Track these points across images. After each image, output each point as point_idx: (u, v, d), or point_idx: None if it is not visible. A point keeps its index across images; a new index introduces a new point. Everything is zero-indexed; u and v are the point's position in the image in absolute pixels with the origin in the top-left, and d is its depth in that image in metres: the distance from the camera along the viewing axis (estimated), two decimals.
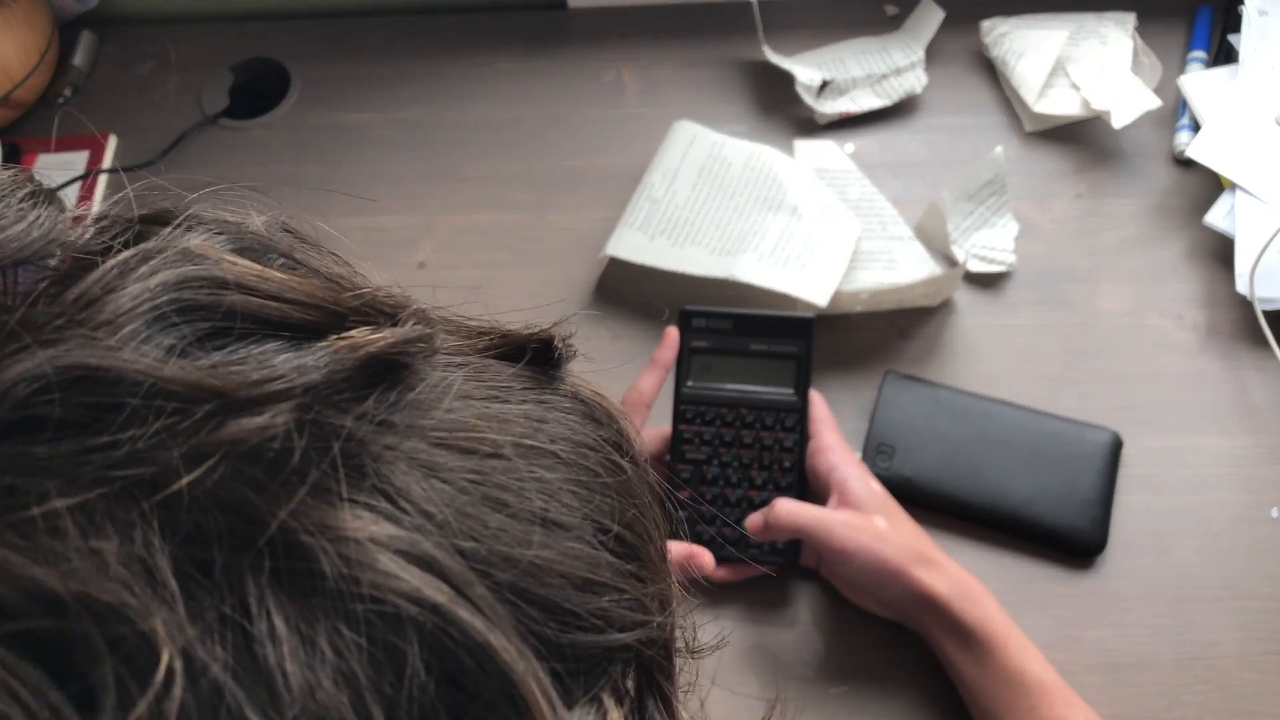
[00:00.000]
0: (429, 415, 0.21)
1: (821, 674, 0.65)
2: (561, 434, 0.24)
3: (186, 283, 0.19)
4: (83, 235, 0.20)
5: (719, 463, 0.65)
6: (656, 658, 0.24)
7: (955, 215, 0.78)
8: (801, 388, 0.67)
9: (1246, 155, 0.78)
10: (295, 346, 0.19)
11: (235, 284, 0.19)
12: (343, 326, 0.21)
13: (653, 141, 0.83)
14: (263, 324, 0.20)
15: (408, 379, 0.21)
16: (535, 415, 0.24)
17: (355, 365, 0.20)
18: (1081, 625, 0.66)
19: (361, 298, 0.21)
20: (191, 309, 0.19)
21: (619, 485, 0.24)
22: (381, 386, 0.20)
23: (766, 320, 0.67)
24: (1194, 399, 0.73)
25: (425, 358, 0.22)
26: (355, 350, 0.20)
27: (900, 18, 0.90)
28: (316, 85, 0.91)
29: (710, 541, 0.64)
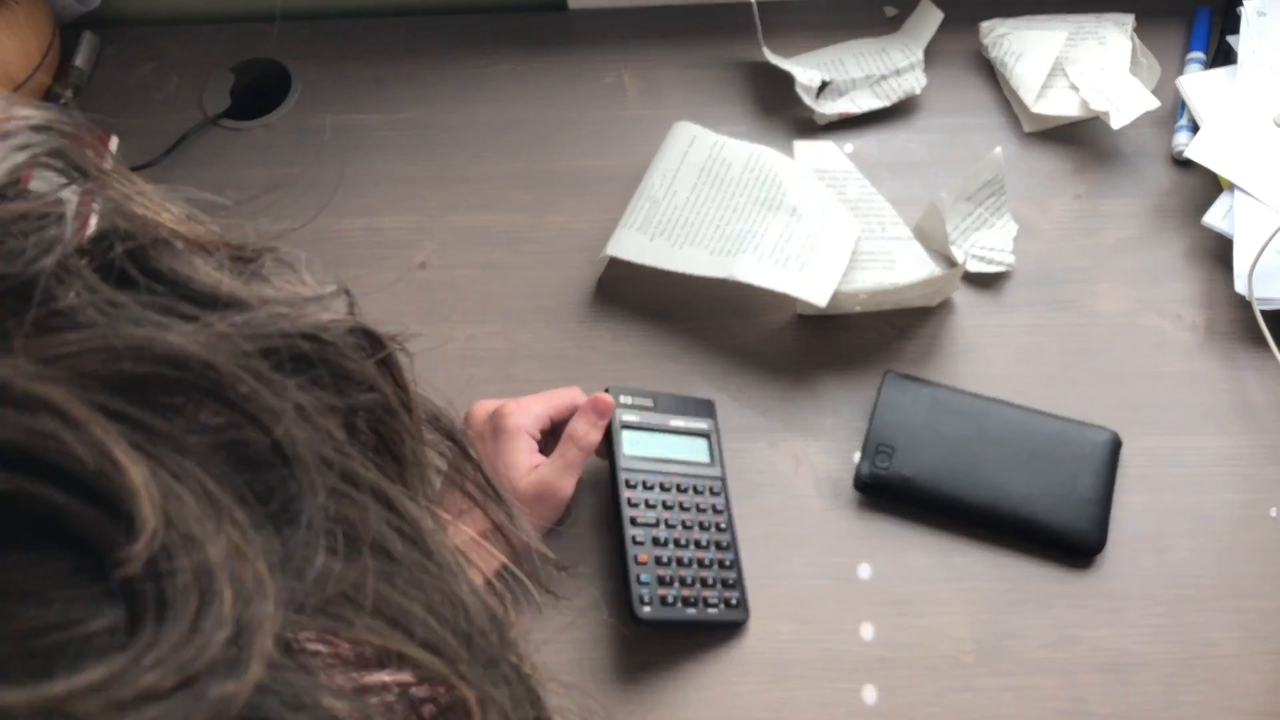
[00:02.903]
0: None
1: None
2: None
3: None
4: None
5: (666, 525, 0.68)
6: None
7: (954, 216, 0.78)
8: (716, 460, 0.71)
9: (1245, 156, 0.78)
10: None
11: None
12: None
13: (653, 142, 0.83)
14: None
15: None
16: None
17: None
18: (1081, 625, 0.67)
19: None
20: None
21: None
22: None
23: (679, 401, 0.72)
24: (1193, 399, 0.73)
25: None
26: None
27: (899, 19, 0.90)
28: (317, 86, 0.91)
29: (673, 602, 0.65)
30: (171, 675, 0.15)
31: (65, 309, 0.18)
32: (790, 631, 0.67)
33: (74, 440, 0.16)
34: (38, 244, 0.18)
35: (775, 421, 0.74)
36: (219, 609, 0.16)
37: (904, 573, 0.69)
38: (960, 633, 0.67)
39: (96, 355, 0.18)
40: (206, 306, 0.20)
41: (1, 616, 0.15)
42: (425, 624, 0.21)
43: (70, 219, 0.19)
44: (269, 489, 0.19)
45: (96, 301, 0.18)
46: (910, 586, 0.68)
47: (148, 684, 0.15)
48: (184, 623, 0.16)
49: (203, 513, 0.17)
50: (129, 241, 0.20)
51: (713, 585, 0.67)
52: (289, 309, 0.21)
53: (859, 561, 0.69)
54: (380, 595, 0.20)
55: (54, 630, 0.16)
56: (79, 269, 0.19)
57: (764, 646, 0.67)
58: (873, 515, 0.71)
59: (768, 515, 0.71)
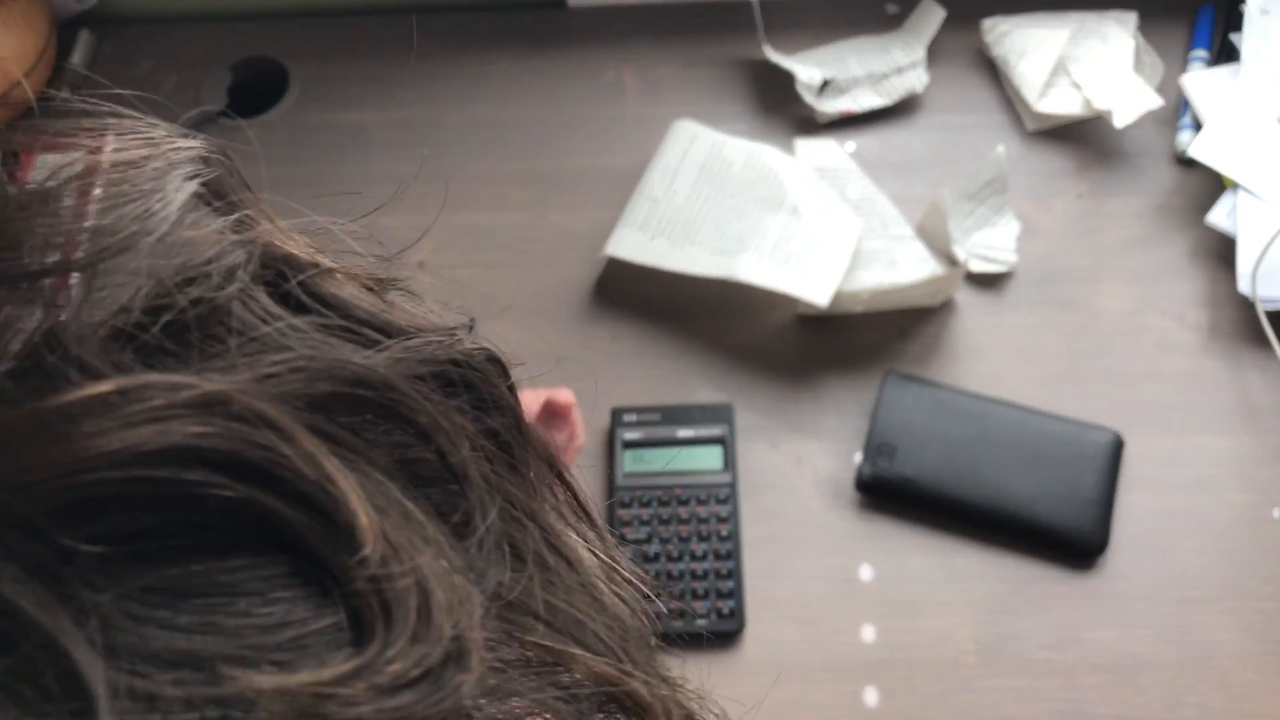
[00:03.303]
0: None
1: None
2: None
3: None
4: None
5: (659, 540, 0.68)
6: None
7: (956, 215, 0.77)
8: (730, 465, 0.71)
9: (1248, 154, 0.78)
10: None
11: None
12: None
13: (653, 141, 0.83)
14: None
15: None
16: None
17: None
18: (1083, 626, 0.66)
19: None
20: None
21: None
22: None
23: (690, 410, 0.72)
24: (1196, 399, 0.73)
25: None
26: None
27: (901, 16, 0.90)
28: (315, 84, 0.90)
29: (657, 615, 0.65)
30: (414, 667, 0.17)
31: (252, 329, 0.19)
32: (791, 633, 0.67)
33: (294, 455, 0.17)
34: (221, 271, 0.19)
35: (776, 422, 0.74)
36: (437, 611, 0.18)
37: (905, 574, 0.68)
38: (962, 634, 0.66)
39: (297, 376, 0.19)
40: (373, 332, 0.21)
41: (235, 613, 0.17)
42: (589, 630, 0.22)
43: (246, 248, 0.20)
44: (446, 505, 0.20)
45: (280, 327, 0.19)
46: (911, 587, 0.68)
47: (397, 671, 0.16)
48: (410, 624, 0.17)
49: (405, 524, 0.19)
50: (298, 271, 0.21)
51: (704, 596, 0.67)
52: (442, 336, 0.22)
53: (860, 562, 0.69)
54: (547, 603, 0.21)
55: (286, 627, 0.17)
56: (257, 295, 0.20)
57: (765, 648, 0.66)
58: (874, 516, 0.70)
59: (768, 516, 0.70)
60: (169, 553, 0.17)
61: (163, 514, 0.17)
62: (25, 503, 0.16)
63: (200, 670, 0.16)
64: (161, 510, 0.17)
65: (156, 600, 0.16)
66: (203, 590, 0.17)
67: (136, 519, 0.17)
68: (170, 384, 0.17)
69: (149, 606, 0.16)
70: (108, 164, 0.20)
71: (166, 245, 0.19)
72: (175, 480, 0.17)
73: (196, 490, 0.17)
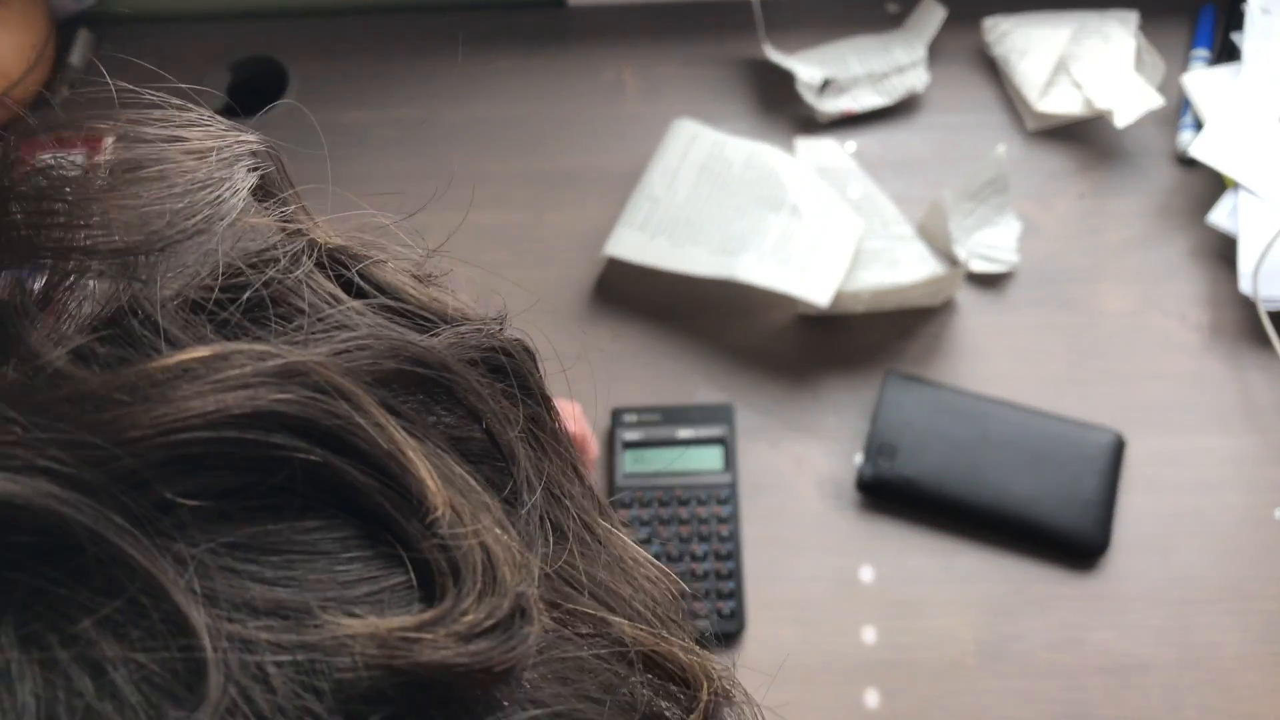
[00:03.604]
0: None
1: None
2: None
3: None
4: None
5: (659, 540, 0.68)
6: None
7: (957, 214, 0.77)
8: (730, 466, 0.71)
9: (1249, 154, 0.78)
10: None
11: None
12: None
13: (653, 140, 0.83)
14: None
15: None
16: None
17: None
18: (1084, 627, 0.66)
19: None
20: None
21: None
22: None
23: (690, 410, 0.72)
24: (1197, 399, 0.73)
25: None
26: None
27: (902, 16, 0.90)
28: (314, 83, 0.90)
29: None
30: (487, 619, 0.18)
31: (318, 310, 0.21)
32: (791, 634, 0.67)
33: (366, 425, 0.19)
34: (289, 254, 0.21)
35: (777, 422, 0.73)
36: (501, 573, 0.19)
37: (906, 574, 0.68)
38: (963, 635, 0.66)
39: (365, 353, 0.20)
40: (426, 318, 0.23)
41: (314, 570, 0.18)
42: (626, 600, 0.23)
43: (308, 228, 0.22)
44: (493, 481, 0.22)
45: (344, 309, 0.21)
46: (912, 588, 0.68)
47: (472, 621, 0.18)
48: (478, 583, 0.18)
49: (466, 493, 0.20)
50: (355, 260, 0.23)
51: (704, 597, 0.66)
52: (487, 324, 0.24)
53: (861, 563, 0.69)
54: (588, 573, 0.23)
55: (362, 583, 0.18)
56: (320, 280, 0.22)
57: (765, 649, 0.66)
58: (875, 516, 0.70)
59: (769, 517, 0.70)
60: (251, 512, 0.18)
61: (248, 474, 0.18)
62: (130, 457, 0.17)
63: (289, 618, 0.17)
64: (247, 471, 0.18)
65: (242, 555, 0.17)
66: (282, 548, 0.18)
67: (225, 478, 0.18)
68: (257, 353, 0.18)
69: (237, 560, 0.17)
70: (181, 152, 0.21)
71: (235, 231, 0.21)
72: (261, 443, 0.18)
73: (279, 453, 0.18)
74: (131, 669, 0.16)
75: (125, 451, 0.17)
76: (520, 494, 0.22)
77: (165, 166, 0.21)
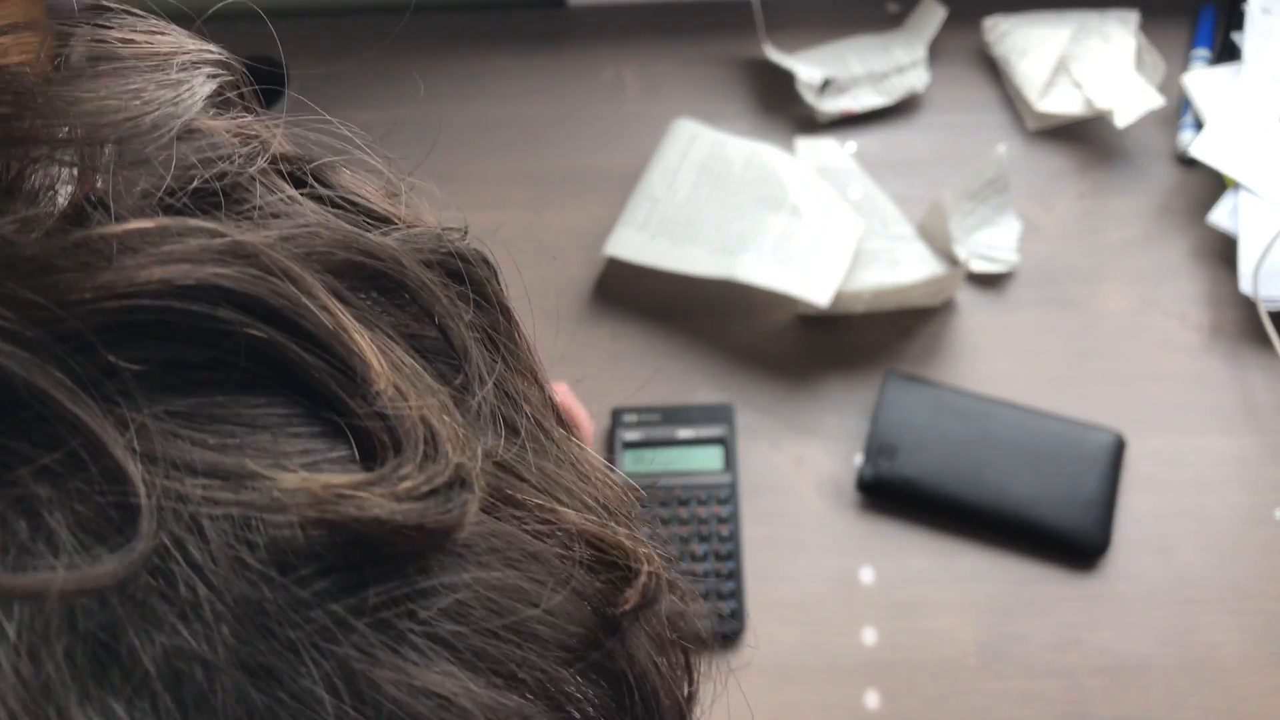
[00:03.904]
0: None
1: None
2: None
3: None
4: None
5: (659, 540, 0.67)
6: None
7: (957, 214, 0.77)
8: (730, 466, 0.71)
9: (1250, 154, 0.78)
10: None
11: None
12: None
13: (653, 140, 0.83)
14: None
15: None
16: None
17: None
18: (1084, 627, 0.66)
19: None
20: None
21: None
22: None
23: (690, 410, 0.72)
24: (1197, 399, 0.73)
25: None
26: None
27: (902, 15, 0.90)
28: (313, 82, 0.90)
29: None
30: (425, 484, 0.18)
31: (272, 206, 0.21)
32: (791, 635, 0.67)
33: (314, 307, 0.19)
34: (244, 154, 0.22)
35: (777, 422, 0.73)
36: (442, 446, 0.19)
37: (906, 575, 0.68)
38: (963, 635, 0.66)
39: (317, 240, 0.21)
40: (382, 220, 0.23)
41: (256, 442, 0.18)
42: (576, 495, 0.24)
43: (266, 137, 0.22)
44: (444, 375, 0.22)
45: (292, 203, 0.22)
46: (912, 589, 0.68)
47: (409, 486, 0.18)
48: (419, 453, 0.19)
49: (412, 379, 0.20)
50: (312, 162, 0.23)
51: (705, 597, 0.66)
52: (442, 231, 0.24)
53: (861, 564, 0.69)
54: (538, 467, 0.23)
55: (303, 455, 0.18)
56: (275, 179, 0.22)
57: (765, 650, 0.66)
58: (875, 517, 0.70)
59: (769, 517, 0.70)
60: (196, 385, 0.18)
61: (193, 346, 0.18)
62: (75, 320, 0.17)
63: (228, 479, 0.17)
64: (192, 343, 0.18)
65: (184, 423, 0.18)
66: (227, 420, 0.18)
67: (169, 348, 0.18)
68: (206, 230, 0.19)
69: (179, 426, 0.18)
70: (142, 53, 0.22)
71: (191, 131, 0.21)
72: (206, 315, 0.18)
73: (224, 327, 0.18)
74: (66, 513, 0.16)
75: (68, 314, 0.17)
76: (471, 387, 0.22)
77: (123, 64, 0.21)
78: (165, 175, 0.20)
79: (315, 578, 0.17)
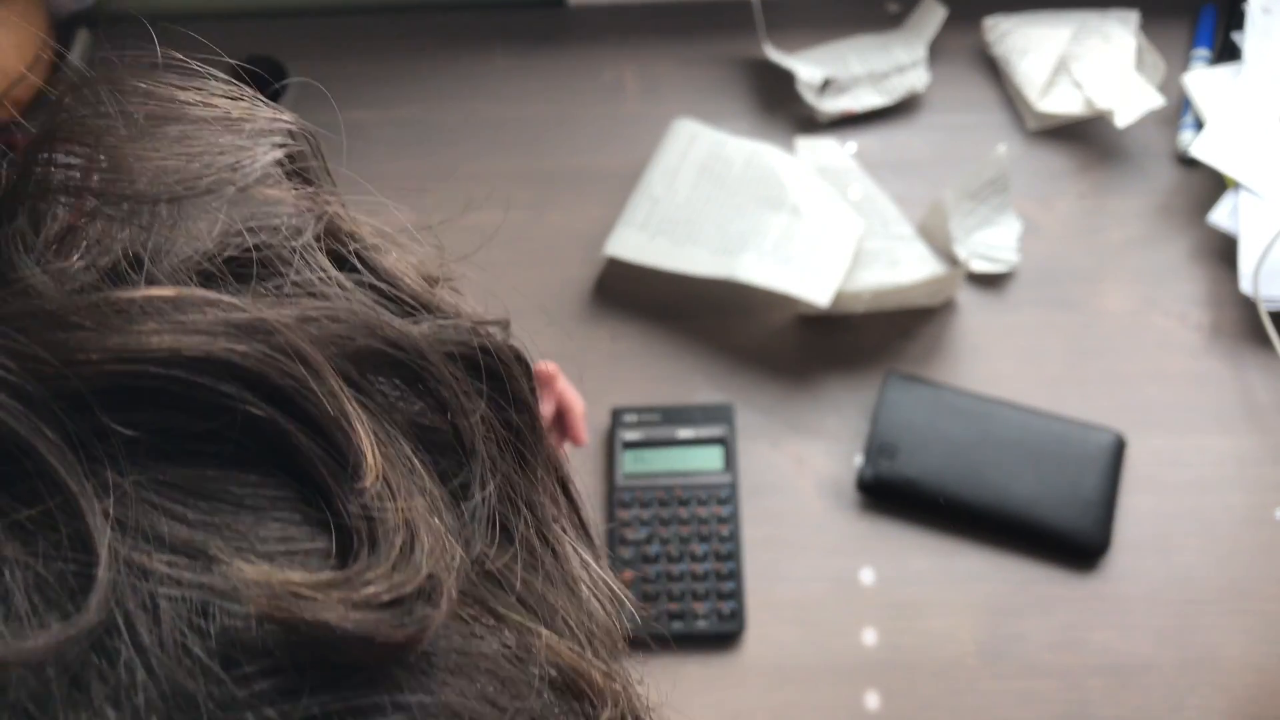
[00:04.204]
0: None
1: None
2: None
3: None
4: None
5: (659, 540, 0.68)
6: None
7: (958, 214, 0.77)
8: (730, 466, 0.71)
9: (1250, 154, 0.78)
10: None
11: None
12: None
13: (653, 140, 0.83)
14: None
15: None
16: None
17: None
18: (1085, 627, 0.66)
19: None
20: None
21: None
22: None
23: (691, 410, 0.72)
24: (1198, 399, 0.73)
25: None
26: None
27: (902, 15, 0.90)
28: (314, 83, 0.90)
29: (657, 617, 0.66)
30: (387, 592, 0.18)
31: (306, 282, 0.21)
32: (792, 636, 0.66)
33: (319, 390, 0.19)
34: (290, 227, 0.22)
35: (777, 422, 0.73)
36: (419, 552, 0.19)
37: (906, 575, 0.68)
38: (963, 636, 0.66)
39: (337, 325, 0.21)
40: (415, 307, 0.23)
41: (238, 523, 0.18)
42: (560, 616, 0.23)
43: (315, 214, 0.23)
44: (447, 472, 0.22)
45: (330, 282, 0.22)
46: (913, 589, 0.68)
47: (370, 594, 0.18)
48: (392, 557, 0.18)
49: (407, 475, 0.20)
50: (355, 241, 0.23)
51: (705, 597, 0.66)
52: (476, 324, 0.24)
53: (861, 564, 0.69)
54: (525, 581, 0.23)
55: (281, 542, 0.18)
56: (317, 255, 0.22)
57: (765, 651, 0.66)
58: (875, 517, 0.70)
59: (769, 517, 0.70)
60: (190, 455, 0.18)
61: (192, 416, 0.18)
62: (77, 379, 0.17)
63: (195, 558, 0.17)
64: (192, 413, 0.18)
65: (170, 494, 0.18)
66: (213, 495, 0.18)
67: (169, 416, 0.18)
68: (224, 303, 0.19)
69: (162, 497, 0.18)
70: (212, 117, 0.22)
71: (246, 197, 0.22)
72: (210, 389, 0.18)
73: (226, 401, 0.18)
74: (28, 574, 0.16)
75: (73, 372, 0.17)
76: (471, 488, 0.22)
77: (189, 127, 0.22)
78: (209, 240, 0.21)
79: (257, 677, 0.17)
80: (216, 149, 0.22)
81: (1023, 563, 0.68)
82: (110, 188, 0.20)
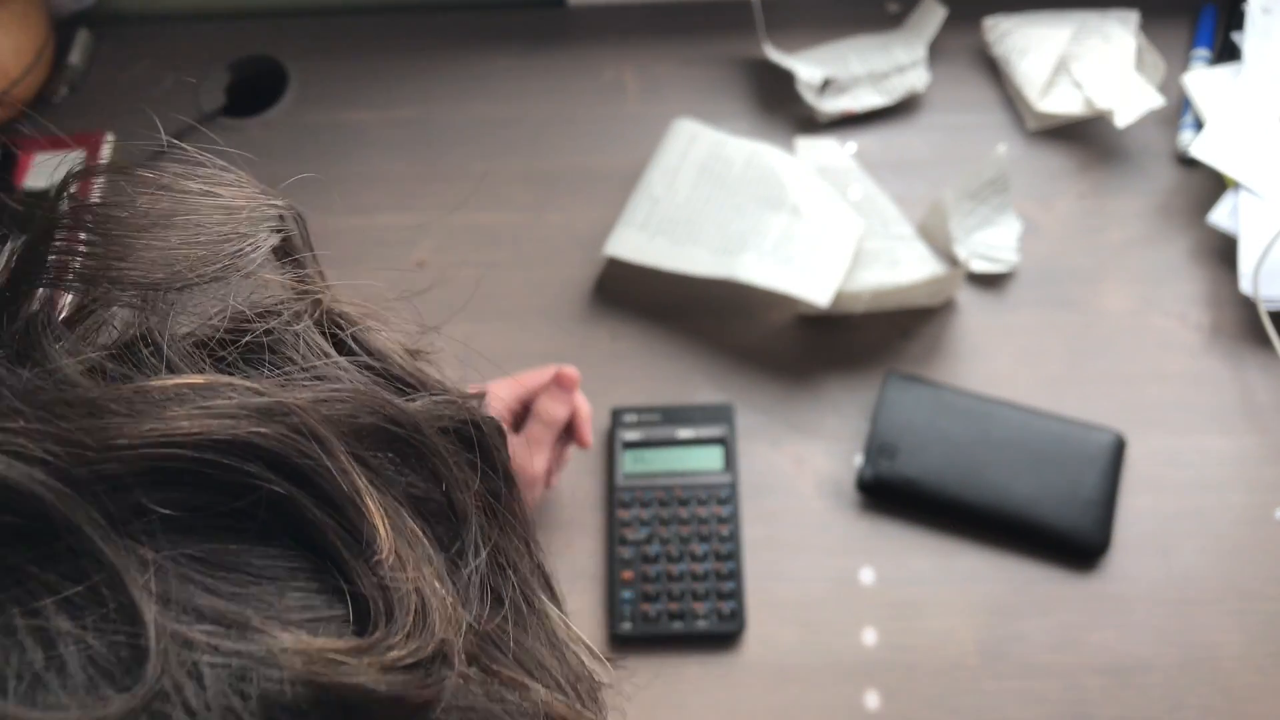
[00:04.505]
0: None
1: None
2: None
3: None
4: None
5: (659, 540, 0.68)
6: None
7: (958, 214, 0.77)
8: (730, 466, 0.71)
9: (1250, 154, 0.78)
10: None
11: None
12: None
13: (653, 140, 0.83)
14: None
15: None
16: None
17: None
18: (1085, 627, 0.66)
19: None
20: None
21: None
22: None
23: (690, 410, 0.72)
24: (1198, 399, 0.73)
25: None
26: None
27: (902, 15, 0.90)
28: (314, 83, 0.90)
29: (657, 617, 0.65)
30: (410, 656, 0.20)
31: (310, 365, 0.23)
32: (792, 636, 0.66)
33: (333, 469, 0.21)
34: (291, 311, 0.24)
35: (777, 422, 0.73)
36: (431, 619, 0.21)
37: (906, 575, 0.68)
38: (963, 636, 0.66)
39: (344, 405, 0.22)
40: (407, 384, 0.25)
41: (262, 593, 0.19)
42: (549, 671, 0.25)
43: (311, 299, 0.24)
44: (443, 539, 0.24)
45: (333, 364, 0.23)
46: (913, 589, 0.68)
47: (395, 658, 0.19)
48: (408, 624, 0.20)
49: (412, 545, 0.22)
50: (352, 324, 0.25)
51: (705, 597, 0.66)
52: (462, 399, 0.26)
53: (861, 564, 0.69)
54: (516, 640, 0.24)
55: (304, 609, 0.20)
56: (316, 337, 0.24)
57: (765, 651, 0.66)
58: (875, 517, 0.70)
59: (769, 517, 0.70)
60: (215, 530, 0.20)
61: (220, 495, 0.20)
62: (116, 462, 0.19)
63: (230, 628, 0.18)
64: (220, 492, 0.20)
65: (200, 567, 0.19)
66: (238, 568, 0.20)
67: (198, 495, 0.20)
68: (247, 389, 0.21)
69: (194, 571, 0.19)
70: (213, 205, 0.24)
71: (250, 283, 0.24)
72: (236, 469, 0.20)
73: (250, 480, 0.20)
74: (81, 647, 0.17)
75: (112, 456, 0.19)
76: (466, 555, 0.24)
77: (196, 216, 0.23)
78: (220, 327, 0.23)
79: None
80: (220, 237, 0.23)
81: (1023, 563, 0.68)
82: (124, 275, 0.22)
